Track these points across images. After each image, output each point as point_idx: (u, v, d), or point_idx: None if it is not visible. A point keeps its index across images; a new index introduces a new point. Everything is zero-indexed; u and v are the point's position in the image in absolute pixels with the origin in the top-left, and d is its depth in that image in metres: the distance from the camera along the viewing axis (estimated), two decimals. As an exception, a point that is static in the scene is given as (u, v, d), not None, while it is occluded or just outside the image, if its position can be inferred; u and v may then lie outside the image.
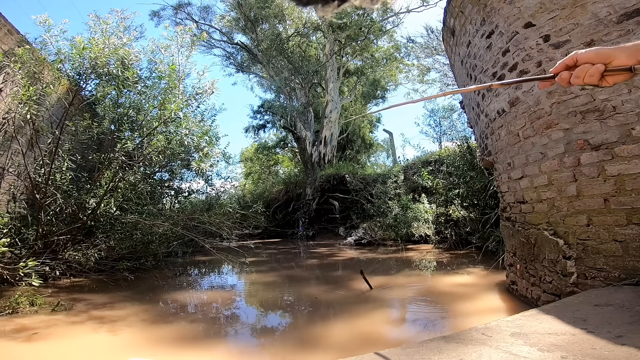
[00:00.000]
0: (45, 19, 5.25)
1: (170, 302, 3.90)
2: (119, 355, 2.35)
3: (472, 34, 3.48)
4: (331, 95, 16.66)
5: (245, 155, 24.57)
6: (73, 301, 3.61)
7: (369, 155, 22.66)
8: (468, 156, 7.22)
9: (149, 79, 6.31)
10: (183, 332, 2.83)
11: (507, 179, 3.26)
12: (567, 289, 2.39)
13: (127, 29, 6.14)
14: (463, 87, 4.29)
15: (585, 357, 1.14)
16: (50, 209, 4.84)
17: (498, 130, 3.29)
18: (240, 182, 20.90)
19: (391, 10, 16.22)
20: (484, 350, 1.25)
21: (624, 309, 1.59)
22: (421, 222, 8.87)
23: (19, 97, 4.55)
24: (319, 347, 2.43)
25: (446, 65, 14.83)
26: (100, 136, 5.81)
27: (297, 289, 4.59)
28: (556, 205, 2.54)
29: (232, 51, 18.96)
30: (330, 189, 13.62)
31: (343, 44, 16.87)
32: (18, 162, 5.17)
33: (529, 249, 2.89)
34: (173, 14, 17.06)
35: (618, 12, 2.18)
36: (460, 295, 3.68)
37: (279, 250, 10.04)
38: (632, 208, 2.08)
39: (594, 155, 2.28)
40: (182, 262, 7.35)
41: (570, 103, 2.43)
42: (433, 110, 18.87)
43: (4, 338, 2.55)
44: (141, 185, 5.98)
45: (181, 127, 5.92)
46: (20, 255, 4.14)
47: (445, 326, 2.81)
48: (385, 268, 6.00)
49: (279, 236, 14.02)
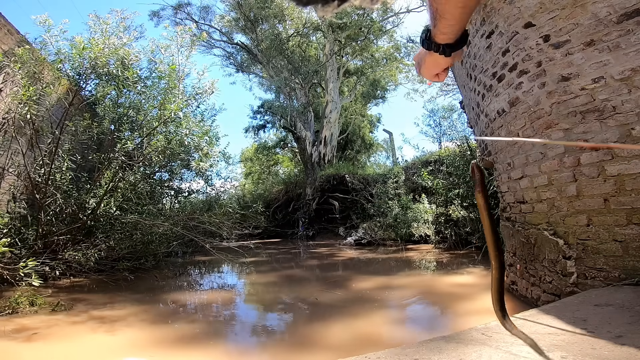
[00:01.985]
0: (45, 19, 5.26)
1: (170, 302, 3.90)
2: (119, 356, 2.35)
3: (472, 33, 3.48)
4: (331, 95, 16.66)
5: (245, 155, 24.57)
6: (73, 301, 3.61)
7: (369, 155, 22.66)
8: (468, 156, 7.22)
9: (148, 79, 6.31)
10: (183, 332, 2.82)
11: (507, 179, 3.26)
12: (567, 289, 2.39)
13: (127, 29, 6.15)
14: (463, 88, 4.30)
15: (585, 357, 1.14)
16: (50, 209, 4.84)
17: (498, 130, 3.29)
18: (240, 182, 20.90)
19: (391, 10, 16.24)
20: (484, 350, 1.25)
21: (624, 309, 1.59)
22: (421, 222, 8.87)
23: (19, 97, 4.55)
24: (319, 347, 2.43)
25: (446, 65, 14.78)
26: (100, 136, 5.81)
27: (297, 289, 4.59)
28: (556, 205, 2.54)
29: (232, 51, 18.97)
30: (330, 189, 13.62)
31: (343, 44, 16.87)
32: (18, 162, 5.16)
33: (529, 249, 2.89)
34: (173, 14, 17.08)
35: (618, 12, 2.18)
36: (460, 295, 3.68)
37: (279, 250, 10.04)
38: (632, 208, 2.08)
39: (594, 155, 2.28)
40: (182, 262, 7.34)
41: (570, 103, 2.43)
42: (433, 110, 18.91)
43: (4, 338, 2.55)
44: (141, 185, 5.98)
45: (181, 127, 5.92)
46: (20, 255, 4.13)
47: (445, 326, 2.81)
48: (385, 268, 5.99)
49: (279, 236, 14.02)
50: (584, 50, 2.35)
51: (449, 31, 0.61)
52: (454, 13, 0.57)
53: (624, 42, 2.15)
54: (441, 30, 0.62)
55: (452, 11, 0.57)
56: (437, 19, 0.60)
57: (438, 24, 0.61)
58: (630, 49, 2.13)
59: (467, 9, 0.56)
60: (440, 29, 0.61)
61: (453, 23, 0.59)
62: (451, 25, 0.60)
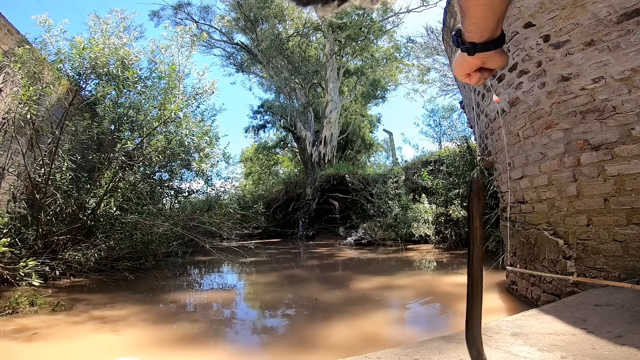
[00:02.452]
0: (45, 19, 5.25)
1: (170, 302, 3.90)
2: (119, 356, 2.35)
3: (472, 34, 3.48)
4: (331, 95, 16.66)
5: (245, 155, 24.55)
6: (73, 301, 3.61)
7: (369, 155, 22.65)
8: (468, 156, 7.22)
9: (148, 79, 6.31)
10: (183, 332, 2.82)
11: (507, 179, 3.26)
12: (567, 289, 2.39)
13: (127, 29, 6.15)
14: (463, 88, 4.29)
15: (585, 357, 1.14)
16: (50, 209, 4.84)
17: (498, 130, 3.29)
18: (240, 182, 20.91)
19: (391, 10, 16.23)
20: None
21: (624, 309, 1.59)
22: (421, 222, 8.87)
23: (19, 97, 4.55)
24: (319, 347, 2.43)
25: (446, 65, 14.83)
26: (100, 136, 5.81)
27: (297, 289, 4.59)
28: (556, 205, 2.54)
29: (232, 51, 18.95)
30: (330, 189, 13.61)
31: (343, 44, 16.86)
32: (18, 162, 5.16)
33: (529, 249, 2.89)
34: (173, 14, 17.07)
35: (618, 12, 2.18)
36: (460, 295, 3.67)
37: (279, 250, 10.04)
38: (632, 208, 2.08)
39: (594, 155, 2.28)
40: (182, 262, 7.34)
41: (570, 103, 2.43)
42: (433, 110, 18.91)
43: (4, 338, 2.55)
44: (141, 185, 5.98)
45: (181, 127, 5.92)
46: (20, 255, 4.13)
47: (445, 326, 2.81)
48: (385, 268, 5.99)
49: (279, 236, 14.02)
50: (584, 50, 2.35)
51: (474, 29, 0.61)
52: (475, 10, 0.57)
53: (624, 42, 2.15)
54: (467, 28, 0.61)
55: (473, 8, 0.57)
56: (463, 16, 0.60)
57: (464, 21, 0.61)
58: (630, 49, 2.13)
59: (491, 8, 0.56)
60: (466, 26, 0.61)
61: (477, 21, 0.59)
62: (476, 24, 0.60)
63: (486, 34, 0.61)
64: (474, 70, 0.70)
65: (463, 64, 0.69)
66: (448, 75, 15.05)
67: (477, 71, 0.70)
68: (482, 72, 0.70)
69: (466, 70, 0.70)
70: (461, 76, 0.73)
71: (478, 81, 0.73)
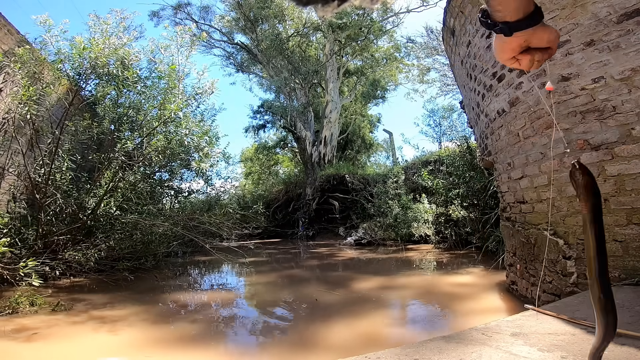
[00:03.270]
0: (45, 19, 5.25)
1: (170, 302, 3.90)
2: (119, 356, 2.35)
3: (472, 33, 3.48)
4: (331, 95, 16.66)
5: (245, 155, 24.55)
6: (73, 301, 3.61)
7: (369, 155, 22.64)
8: (468, 156, 7.22)
9: (148, 78, 6.31)
10: (183, 332, 2.83)
11: (507, 179, 3.26)
12: (567, 289, 2.39)
13: (126, 29, 6.14)
14: (463, 88, 4.29)
15: (585, 357, 1.13)
16: (50, 209, 4.84)
17: (498, 130, 3.29)
18: (240, 182, 20.89)
19: (391, 10, 16.23)
20: (484, 350, 1.25)
21: (624, 309, 1.59)
22: (421, 222, 8.87)
23: (19, 97, 4.55)
24: (319, 347, 2.43)
25: (446, 65, 14.82)
26: (100, 136, 5.81)
27: (297, 289, 4.59)
28: (556, 205, 2.54)
29: (231, 51, 18.95)
30: (330, 189, 13.61)
31: (343, 44, 16.86)
32: (18, 162, 5.16)
33: (529, 249, 2.89)
34: (173, 14, 17.07)
35: (618, 12, 2.18)
36: (460, 295, 3.68)
37: (279, 250, 10.04)
38: (632, 208, 2.08)
39: (594, 155, 2.28)
40: (182, 262, 7.34)
41: (570, 103, 2.43)
42: (433, 110, 18.91)
43: (4, 338, 2.55)
44: (141, 185, 5.98)
45: (181, 127, 5.92)
46: (20, 255, 4.13)
47: (445, 326, 2.81)
48: (385, 268, 6.00)
49: (279, 236, 14.02)
50: (584, 50, 2.35)
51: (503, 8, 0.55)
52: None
53: (624, 42, 2.15)
54: (494, 7, 0.56)
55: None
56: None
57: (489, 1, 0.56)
58: (630, 49, 2.13)
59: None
60: (492, 5, 0.56)
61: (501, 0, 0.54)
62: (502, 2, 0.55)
63: (520, 11, 0.55)
64: (518, 52, 0.61)
65: (504, 48, 0.61)
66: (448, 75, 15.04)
67: (525, 53, 0.61)
68: (531, 54, 0.60)
69: (510, 54, 0.61)
70: (507, 62, 0.63)
71: (531, 65, 0.62)
